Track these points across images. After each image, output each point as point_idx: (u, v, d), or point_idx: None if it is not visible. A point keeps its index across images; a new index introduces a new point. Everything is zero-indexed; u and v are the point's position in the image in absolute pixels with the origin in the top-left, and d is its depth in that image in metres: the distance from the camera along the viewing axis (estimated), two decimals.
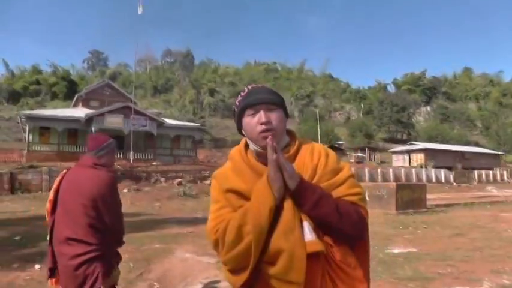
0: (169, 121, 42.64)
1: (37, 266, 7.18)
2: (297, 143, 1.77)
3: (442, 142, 61.74)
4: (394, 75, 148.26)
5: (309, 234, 1.51)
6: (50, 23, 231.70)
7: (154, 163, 34.71)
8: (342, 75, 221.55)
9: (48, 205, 3.30)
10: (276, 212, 1.53)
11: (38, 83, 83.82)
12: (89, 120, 36.23)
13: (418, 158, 48.69)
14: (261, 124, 1.66)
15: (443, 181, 41.31)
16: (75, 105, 47.87)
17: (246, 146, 1.83)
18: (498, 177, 47.24)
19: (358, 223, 1.59)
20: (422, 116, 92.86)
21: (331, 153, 1.77)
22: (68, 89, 79.40)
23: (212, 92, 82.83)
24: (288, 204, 1.54)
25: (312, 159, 1.70)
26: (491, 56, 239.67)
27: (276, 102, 1.72)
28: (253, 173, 1.69)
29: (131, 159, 34.40)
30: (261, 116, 1.66)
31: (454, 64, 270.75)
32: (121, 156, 35.62)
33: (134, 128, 35.49)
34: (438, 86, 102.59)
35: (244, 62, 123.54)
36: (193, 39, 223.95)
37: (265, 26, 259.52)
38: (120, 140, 37.42)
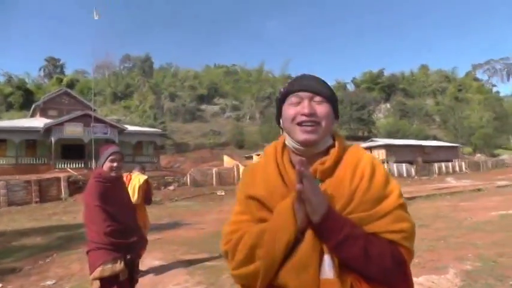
0: (130, 128, 42.02)
1: None
2: (336, 151, 1.45)
3: (402, 138, 63.22)
4: (353, 75, 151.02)
5: (327, 271, 1.27)
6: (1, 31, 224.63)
7: None
8: None
9: None
10: (295, 242, 1.31)
11: None
12: (48, 130, 35.30)
13: (380, 154, 49.55)
14: (303, 115, 1.40)
15: (405, 175, 42.32)
16: (32, 115, 46.57)
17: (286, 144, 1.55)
18: (457, 168, 48.79)
19: (392, 269, 1.29)
20: (382, 113, 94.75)
21: (380, 172, 1.41)
22: (24, 98, 77.02)
23: (172, 97, 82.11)
24: (309, 236, 1.30)
25: (352, 180, 1.37)
26: (446, 53, 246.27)
27: (325, 95, 1.44)
28: (282, 182, 1.44)
29: (93, 168, 33.73)
30: (305, 105, 1.41)
31: (410, 62, 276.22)
32: (82, 165, 34.98)
33: (95, 136, 34.79)
34: (396, 83, 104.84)
35: (203, 65, 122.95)
36: (152, 44, 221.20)
37: (223, 30, 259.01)
38: (80, 149, 36.75)
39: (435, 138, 71.77)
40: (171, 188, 29.72)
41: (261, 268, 1.33)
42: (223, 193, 27.76)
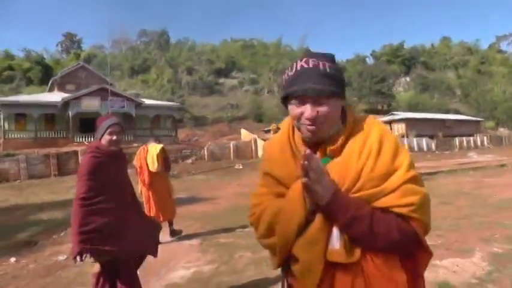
0: (147, 101, 42.00)
1: (12, 259, 6.88)
2: (347, 131, 1.53)
3: (422, 111, 62.10)
4: (372, 47, 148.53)
5: (335, 242, 1.41)
6: (18, 7, 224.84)
7: (134, 144, 34.15)
8: (320, 49, 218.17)
9: None
10: (307, 222, 1.45)
11: (11, 68, 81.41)
12: (66, 104, 35.53)
13: (400, 128, 48.84)
14: (306, 119, 1.47)
15: (425, 149, 41.65)
16: (50, 90, 46.87)
17: None
18: (479, 143, 47.87)
19: (400, 242, 1.40)
20: (401, 87, 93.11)
21: (387, 146, 1.48)
22: (43, 73, 77.31)
23: (190, 71, 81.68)
24: (318, 218, 1.43)
25: (359, 158, 1.46)
26: (468, 25, 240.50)
27: (326, 95, 1.46)
28: (295, 160, 1.56)
29: None
30: (308, 109, 1.47)
31: (432, 34, 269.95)
32: None
33: (112, 109, 34.78)
34: (417, 56, 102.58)
35: (220, 39, 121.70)
36: (168, 18, 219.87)
37: (240, 3, 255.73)
38: None
39: (456, 112, 70.42)
40: (189, 161, 29.64)
41: (277, 243, 1.52)
42: (241, 167, 27.59)
